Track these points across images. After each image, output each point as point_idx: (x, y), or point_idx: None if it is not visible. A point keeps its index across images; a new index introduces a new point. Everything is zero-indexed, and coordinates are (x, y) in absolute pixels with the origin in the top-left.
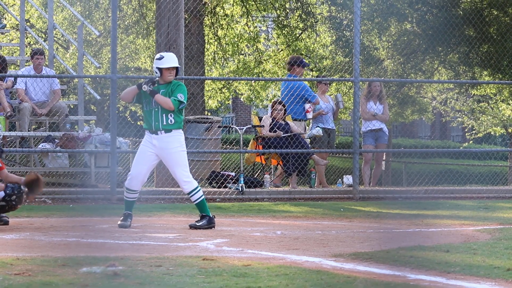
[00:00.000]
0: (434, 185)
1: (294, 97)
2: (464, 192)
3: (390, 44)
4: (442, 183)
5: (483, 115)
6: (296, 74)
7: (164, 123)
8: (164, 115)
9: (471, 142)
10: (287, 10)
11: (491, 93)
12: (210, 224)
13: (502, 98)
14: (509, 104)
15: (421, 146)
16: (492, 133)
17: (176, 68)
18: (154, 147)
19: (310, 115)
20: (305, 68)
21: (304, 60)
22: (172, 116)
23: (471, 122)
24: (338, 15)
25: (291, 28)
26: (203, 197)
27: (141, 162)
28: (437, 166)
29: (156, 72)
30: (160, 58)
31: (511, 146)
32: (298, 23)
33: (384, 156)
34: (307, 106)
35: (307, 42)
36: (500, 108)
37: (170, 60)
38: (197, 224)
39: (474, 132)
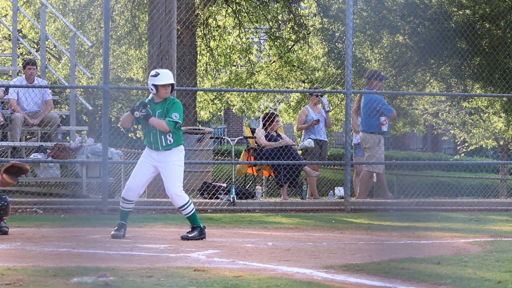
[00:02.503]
0: (426, 197)
1: (370, 110)
2: (455, 204)
3: (382, 56)
4: (434, 196)
5: (475, 128)
6: (373, 88)
7: (164, 144)
8: (162, 136)
9: (462, 155)
10: (280, 22)
11: (482, 105)
12: (201, 235)
13: (493, 111)
14: (501, 117)
15: (412, 158)
16: (483, 145)
17: (172, 84)
18: (153, 159)
19: (385, 128)
20: (383, 81)
21: (381, 74)
22: (171, 135)
23: (463, 134)
24: (331, 27)
25: (284, 40)
26: (194, 210)
27: (139, 174)
28: (428, 179)
29: (152, 89)
30: (156, 75)
31: (503, 159)
32: (291, 34)
33: None
34: (382, 119)
35: (299, 53)
36: (491, 121)
37: (166, 77)
38: (189, 235)
39: (466, 145)
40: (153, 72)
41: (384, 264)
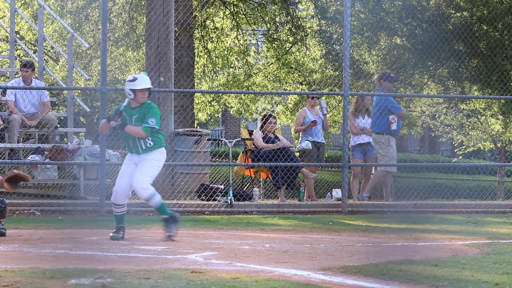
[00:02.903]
0: (423, 200)
1: (380, 110)
2: (453, 206)
3: (379, 58)
4: (431, 197)
5: (472, 130)
6: (383, 88)
7: (144, 147)
8: (141, 140)
9: (460, 157)
10: (277, 24)
11: (480, 108)
12: (176, 221)
13: (491, 113)
14: (498, 119)
15: (410, 160)
16: (481, 148)
17: (149, 89)
18: (135, 161)
19: (394, 127)
20: (393, 82)
21: (391, 75)
22: (150, 139)
23: (460, 137)
24: (328, 29)
25: (281, 42)
26: (160, 200)
27: (124, 176)
28: (426, 181)
29: (129, 94)
30: (133, 80)
31: (500, 161)
32: (288, 36)
33: (373, 170)
34: (390, 117)
35: (297, 55)
36: (489, 123)
37: (143, 81)
38: (169, 232)
39: (464, 147)
40: (130, 77)
41: (381, 266)
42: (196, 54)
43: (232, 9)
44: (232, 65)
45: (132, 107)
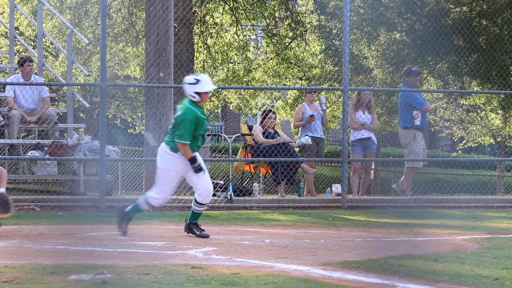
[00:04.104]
0: (423, 194)
1: (403, 105)
2: (453, 201)
3: (379, 53)
4: (431, 192)
5: (472, 125)
6: (407, 83)
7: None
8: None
9: (460, 152)
10: (277, 19)
11: (480, 103)
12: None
13: (491, 107)
14: (498, 114)
15: None
16: (481, 143)
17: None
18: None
19: (417, 122)
20: (416, 76)
21: (413, 69)
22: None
23: (460, 132)
24: (328, 24)
25: (281, 37)
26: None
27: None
28: (426, 175)
29: (194, 97)
30: (197, 82)
31: (500, 156)
32: (288, 32)
33: (373, 165)
34: (414, 113)
35: (296, 51)
36: (489, 118)
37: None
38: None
39: (464, 142)
40: (191, 79)
41: (381, 261)
42: (195, 49)
43: (232, 5)
44: (232, 61)
45: (200, 107)
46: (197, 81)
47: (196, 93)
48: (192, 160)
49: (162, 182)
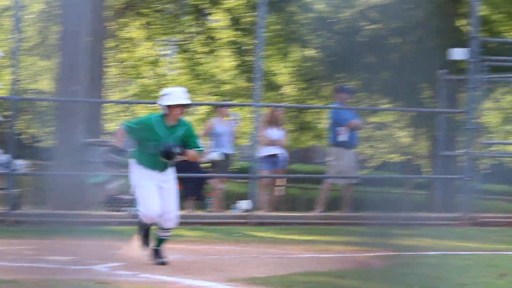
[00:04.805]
0: (331, 211)
1: (332, 122)
2: (360, 218)
3: (292, 69)
4: (337, 209)
5: (381, 142)
6: (338, 100)
7: (170, 165)
8: None
9: (369, 170)
10: (190, 35)
11: (390, 120)
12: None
13: (401, 125)
14: (407, 132)
15: (318, 171)
16: (389, 160)
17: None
18: (156, 178)
19: (341, 138)
20: (347, 94)
21: (345, 86)
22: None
23: (369, 149)
24: (241, 40)
25: (194, 53)
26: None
27: (156, 198)
28: (334, 192)
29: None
30: (168, 94)
31: (408, 173)
32: (201, 47)
33: (282, 182)
34: (339, 129)
35: (209, 66)
36: (397, 136)
37: (180, 96)
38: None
39: (374, 159)
40: (165, 90)
41: (287, 278)
42: (108, 64)
43: (145, 20)
44: (144, 76)
45: (170, 124)
46: (166, 93)
47: (165, 106)
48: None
49: (141, 197)
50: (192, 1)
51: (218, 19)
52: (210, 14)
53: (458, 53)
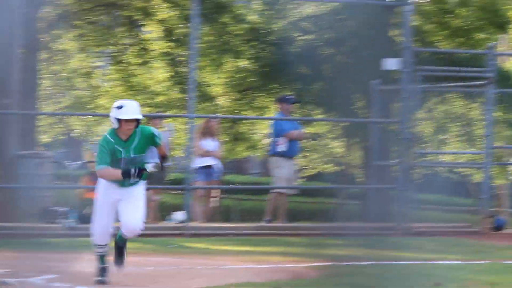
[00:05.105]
0: (266, 222)
1: (272, 133)
2: (295, 229)
3: (225, 80)
4: (273, 220)
5: (315, 153)
6: (281, 110)
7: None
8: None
9: (303, 180)
10: (124, 46)
11: (323, 131)
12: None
13: (334, 135)
14: (340, 142)
15: (252, 182)
16: (323, 170)
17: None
18: (117, 194)
19: (279, 148)
20: (289, 104)
21: (287, 96)
22: None
23: (303, 160)
24: (175, 51)
25: (127, 64)
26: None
27: (107, 215)
28: (267, 203)
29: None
30: (120, 107)
31: (341, 184)
32: (135, 59)
33: (217, 193)
34: (277, 139)
35: (143, 78)
36: (331, 146)
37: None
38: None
39: (307, 169)
40: (117, 104)
41: None
42: (40, 76)
43: (78, 32)
44: (77, 87)
45: (123, 139)
46: (120, 106)
47: (117, 119)
48: (125, 174)
49: (95, 212)
50: (125, 12)
51: (151, 31)
52: (143, 25)
53: (391, 63)
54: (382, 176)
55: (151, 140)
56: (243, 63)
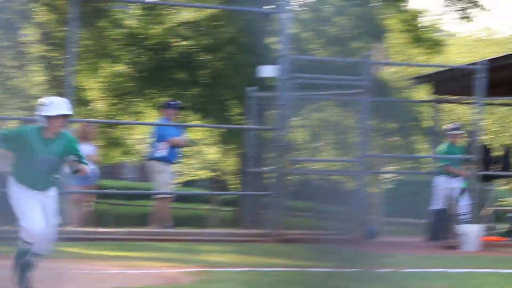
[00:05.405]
0: (140, 227)
1: (152, 138)
2: (169, 234)
3: (102, 85)
4: (145, 225)
5: (190, 159)
6: (165, 115)
7: (52, 183)
8: (52, 175)
9: (177, 186)
10: (0, 49)
11: (200, 136)
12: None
13: (210, 142)
14: (217, 148)
15: (128, 187)
16: (198, 177)
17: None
18: (38, 197)
19: (158, 153)
20: (173, 109)
21: (171, 102)
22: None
23: (178, 166)
24: (52, 54)
25: (4, 67)
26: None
27: (39, 214)
28: (144, 208)
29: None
30: (48, 104)
31: (215, 190)
32: (11, 61)
33: (91, 197)
34: (156, 145)
35: (19, 81)
36: (206, 152)
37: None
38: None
39: (182, 175)
40: (44, 100)
41: None
42: None
43: None
44: None
45: (47, 137)
46: (46, 103)
47: (45, 116)
48: None
49: (23, 213)
50: (2, 15)
51: (28, 33)
52: (20, 28)
53: (267, 70)
54: (257, 183)
55: (73, 147)
56: (121, 67)
